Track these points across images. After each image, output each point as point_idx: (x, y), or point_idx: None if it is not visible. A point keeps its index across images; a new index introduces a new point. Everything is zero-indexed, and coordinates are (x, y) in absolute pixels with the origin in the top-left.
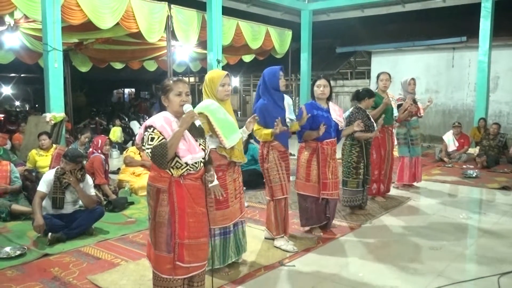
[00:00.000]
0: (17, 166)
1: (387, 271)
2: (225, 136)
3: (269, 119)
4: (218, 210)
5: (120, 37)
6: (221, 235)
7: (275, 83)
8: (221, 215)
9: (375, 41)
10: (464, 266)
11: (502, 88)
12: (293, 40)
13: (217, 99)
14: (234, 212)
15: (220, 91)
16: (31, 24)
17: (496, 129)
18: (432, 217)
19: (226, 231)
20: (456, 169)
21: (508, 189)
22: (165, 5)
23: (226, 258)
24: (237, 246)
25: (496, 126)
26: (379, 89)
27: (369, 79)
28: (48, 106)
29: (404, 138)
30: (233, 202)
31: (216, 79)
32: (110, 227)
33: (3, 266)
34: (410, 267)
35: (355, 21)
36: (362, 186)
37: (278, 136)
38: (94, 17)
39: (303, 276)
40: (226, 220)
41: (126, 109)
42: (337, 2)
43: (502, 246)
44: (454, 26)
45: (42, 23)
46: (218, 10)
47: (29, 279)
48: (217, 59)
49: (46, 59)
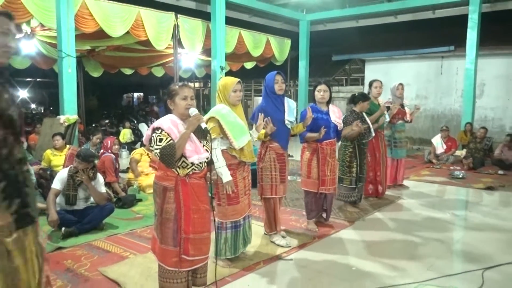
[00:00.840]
0: (33, 165)
1: (378, 265)
2: (235, 138)
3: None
4: (229, 205)
5: (130, 45)
6: (232, 228)
7: (271, 87)
8: (232, 210)
9: (369, 50)
10: (451, 261)
11: (487, 94)
12: (292, 48)
13: (229, 104)
14: (244, 207)
15: (232, 96)
16: (46, 32)
17: (484, 133)
18: (421, 215)
19: (237, 225)
20: (444, 170)
21: (493, 189)
22: (172, 15)
23: (237, 250)
24: (244, 238)
25: (483, 130)
26: (373, 95)
27: (363, 86)
28: (62, 108)
29: (388, 140)
30: (243, 198)
31: (229, 85)
32: (120, 223)
33: None
34: (400, 262)
35: (350, 31)
36: (356, 184)
37: (278, 137)
38: (105, 26)
39: (300, 269)
40: (237, 215)
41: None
42: (333, 13)
43: (487, 242)
44: (443, 36)
45: (57, 31)
46: (221, 20)
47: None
48: (221, 65)
49: (60, 65)
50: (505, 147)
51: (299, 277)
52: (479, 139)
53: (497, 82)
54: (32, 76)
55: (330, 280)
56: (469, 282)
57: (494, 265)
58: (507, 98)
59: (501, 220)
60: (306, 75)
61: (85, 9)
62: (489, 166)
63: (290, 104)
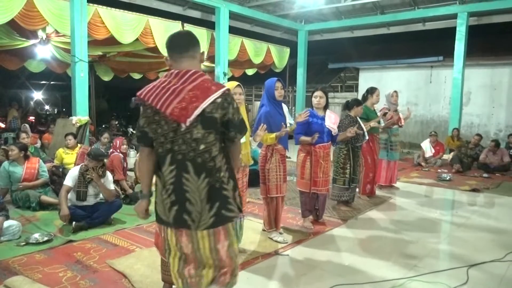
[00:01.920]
0: (46, 162)
1: (370, 261)
2: None
3: (273, 124)
4: None
5: (139, 51)
6: None
7: (272, 93)
8: None
9: (363, 59)
10: (437, 258)
11: (473, 102)
12: (290, 57)
13: None
14: None
15: None
16: (61, 38)
17: (478, 140)
18: (410, 214)
19: None
20: (432, 173)
21: (478, 191)
22: (179, 23)
23: None
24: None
25: (478, 137)
26: (372, 102)
27: (357, 92)
28: (74, 110)
29: (385, 144)
30: None
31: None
32: (127, 218)
33: (32, 250)
34: (390, 258)
35: (345, 41)
36: (349, 184)
37: (281, 140)
38: (116, 33)
39: (296, 264)
40: None
41: None
42: (330, 24)
43: (471, 241)
44: (432, 47)
45: (70, 38)
46: (225, 29)
47: (55, 262)
48: (224, 72)
49: (73, 69)
50: (490, 151)
51: (295, 272)
52: (472, 145)
53: (483, 91)
54: (47, 79)
55: (323, 275)
56: (454, 279)
57: (478, 262)
58: (491, 106)
59: (486, 220)
60: (303, 82)
61: (98, 17)
62: (475, 170)
63: (285, 108)
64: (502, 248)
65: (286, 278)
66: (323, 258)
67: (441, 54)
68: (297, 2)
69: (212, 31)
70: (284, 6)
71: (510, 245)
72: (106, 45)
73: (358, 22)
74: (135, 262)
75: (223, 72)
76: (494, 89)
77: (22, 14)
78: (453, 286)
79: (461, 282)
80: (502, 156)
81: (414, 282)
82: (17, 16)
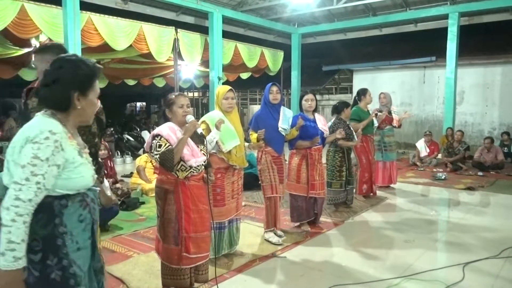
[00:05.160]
0: None
1: (367, 262)
2: (222, 141)
3: (262, 126)
4: (215, 207)
5: (133, 57)
6: (216, 229)
7: (266, 97)
8: (217, 212)
9: (356, 61)
10: (434, 256)
11: (467, 101)
12: (284, 60)
13: (222, 110)
14: (230, 210)
15: (223, 103)
16: None
17: (460, 135)
18: (407, 213)
19: (222, 226)
20: (427, 172)
21: (473, 190)
22: (172, 29)
23: (219, 250)
24: (230, 240)
25: (459, 133)
26: (366, 102)
27: (351, 94)
28: None
29: (378, 145)
30: (229, 201)
31: (221, 94)
32: (124, 224)
33: None
34: (387, 258)
35: (339, 43)
36: (345, 186)
37: (271, 142)
38: (110, 40)
39: (293, 265)
40: (222, 217)
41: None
42: (323, 27)
43: (467, 239)
44: (425, 47)
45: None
46: (219, 33)
47: None
48: (218, 76)
49: None
50: (484, 150)
51: (292, 273)
52: (457, 142)
53: (476, 90)
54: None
55: (321, 276)
56: (450, 276)
57: (473, 260)
58: (485, 105)
59: (481, 218)
60: (298, 85)
61: (91, 25)
62: (469, 168)
63: (286, 112)
64: (497, 245)
65: (284, 280)
66: (320, 259)
67: (434, 55)
68: (289, 5)
69: (206, 36)
70: (277, 10)
71: (505, 242)
72: (100, 52)
73: (351, 24)
74: (132, 268)
75: (217, 76)
76: (486, 88)
77: (15, 23)
78: (449, 284)
79: (457, 280)
80: (496, 154)
81: (410, 281)
82: (10, 25)
